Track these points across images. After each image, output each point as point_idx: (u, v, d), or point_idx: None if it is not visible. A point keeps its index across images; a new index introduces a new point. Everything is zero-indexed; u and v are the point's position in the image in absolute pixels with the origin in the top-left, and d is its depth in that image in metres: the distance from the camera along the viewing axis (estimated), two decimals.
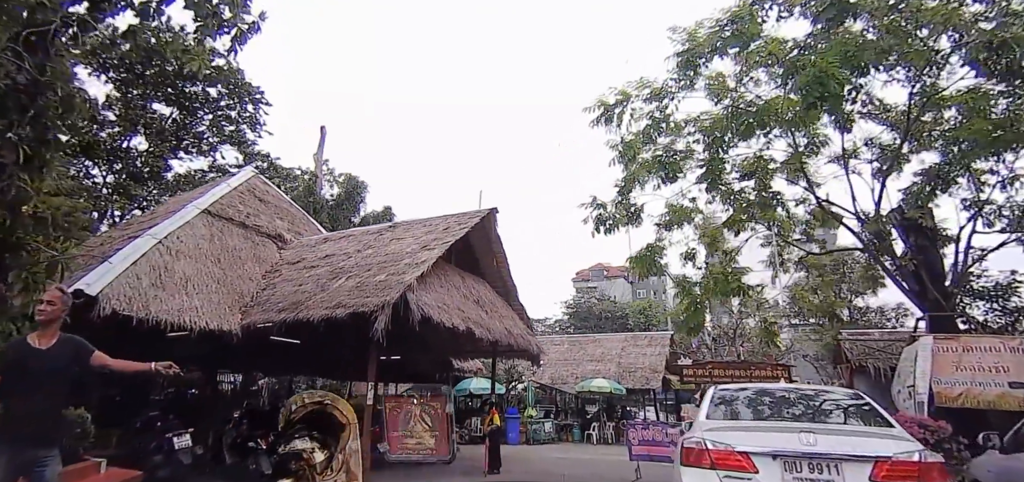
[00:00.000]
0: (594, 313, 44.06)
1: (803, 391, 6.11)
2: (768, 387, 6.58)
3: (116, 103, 27.60)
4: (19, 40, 6.34)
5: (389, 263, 10.90)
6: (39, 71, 6.69)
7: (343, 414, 7.21)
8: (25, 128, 6.47)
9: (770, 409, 5.73)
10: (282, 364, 17.14)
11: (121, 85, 27.76)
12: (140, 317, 9.03)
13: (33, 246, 6.26)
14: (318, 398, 7.16)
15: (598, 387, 21.56)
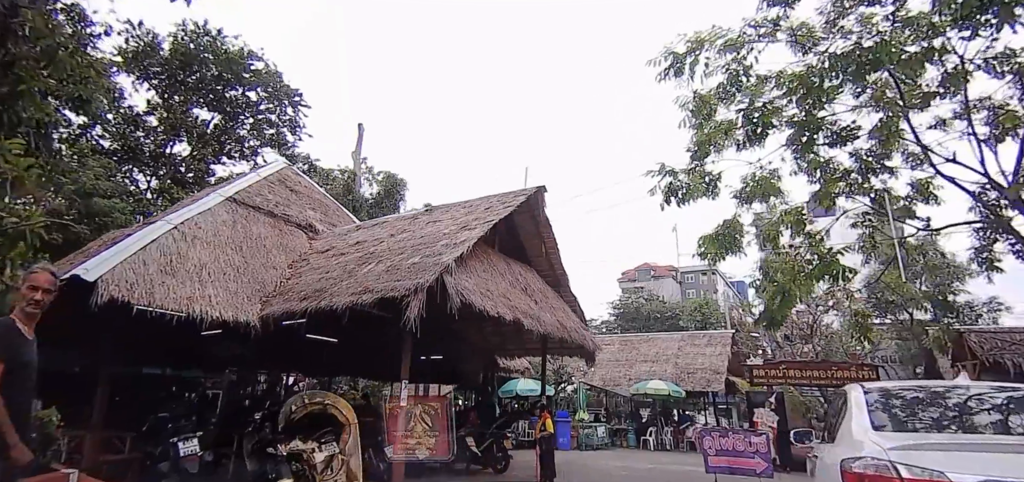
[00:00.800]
0: (642, 314, 41.73)
1: (998, 392, 4.22)
2: (939, 385, 4.77)
3: (158, 108, 27.56)
4: None
5: (424, 246, 9.43)
6: (10, 11, 5.60)
7: (343, 414, 6.98)
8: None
9: (960, 416, 3.98)
10: (320, 364, 16.08)
11: (163, 91, 27.74)
12: (142, 306, 7.88)
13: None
14: (318, 398, 7.00)
15: (655, 389, 19.59)
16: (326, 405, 6.92)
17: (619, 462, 15.53)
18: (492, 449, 10.65)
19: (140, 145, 27.36)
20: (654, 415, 21.75)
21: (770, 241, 11.76)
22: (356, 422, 7.29)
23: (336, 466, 6.29)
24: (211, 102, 28.55)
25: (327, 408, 6.88)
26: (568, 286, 12.48)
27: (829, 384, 15.98)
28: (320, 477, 6.15)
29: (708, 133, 9.41)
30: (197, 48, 26.95)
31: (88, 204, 20.11)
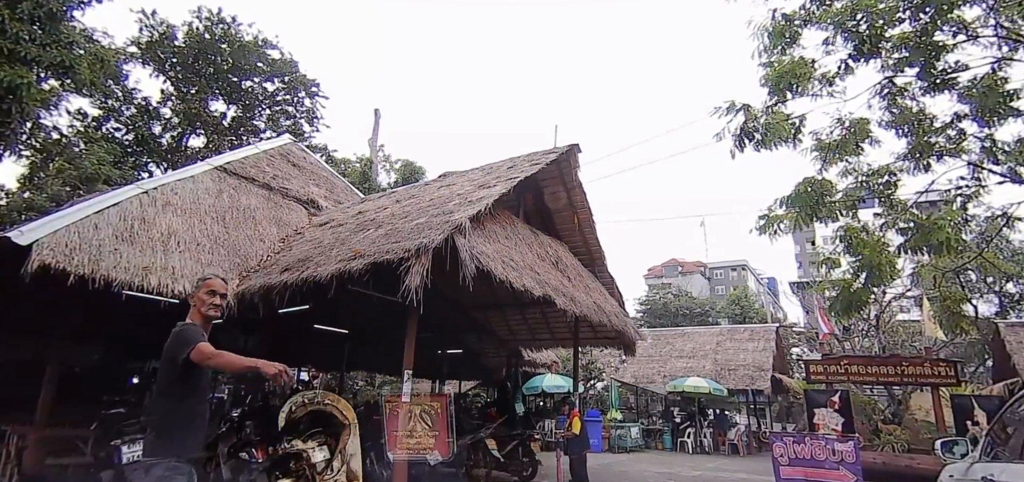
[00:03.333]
0: (670, 310, 39.34)
1: None
2: None
3: (172, 99, 26.47)
4: None
5: (433, 207, 7.60)
6: None
7: (343, 414, 6.59)
8: None
9: None
10: (334, 359, 14.47)
11: (178, 82, 26.64)
12: (81, 273, 6.21)
13: None
14: (318, 398, 6.58)
15: (694, 387, 17.43)
16: (326, 405, 6.58)
17: (659, 467, 13.48)
18: (517, 453, 8.75)
19: (155, 137, 26.31)
20: (691, 415, 19.59)
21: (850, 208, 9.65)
22: (356, 422, 6.80)
23: (336, 466, 6.13)
24: (227, 93, 27.34)
25: (327, 408, 6.55)
26: (605, 265, 10.49)
27: (898, 382, 13.71)
28: (320, 477, 5.95)
29: (790, 64, 7.37)
30: (212, 37, 25.78)
31: (91, 190, 18.81)
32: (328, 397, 6.77)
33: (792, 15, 7.21)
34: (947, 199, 10.01)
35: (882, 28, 6.66)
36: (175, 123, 26.70)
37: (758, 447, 18.64)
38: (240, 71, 26.78)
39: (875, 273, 8.64)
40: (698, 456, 17.05)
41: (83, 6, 16.03)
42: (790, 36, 7.30)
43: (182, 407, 2.93)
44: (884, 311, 16.87)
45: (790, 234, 8.59)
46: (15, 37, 13.13)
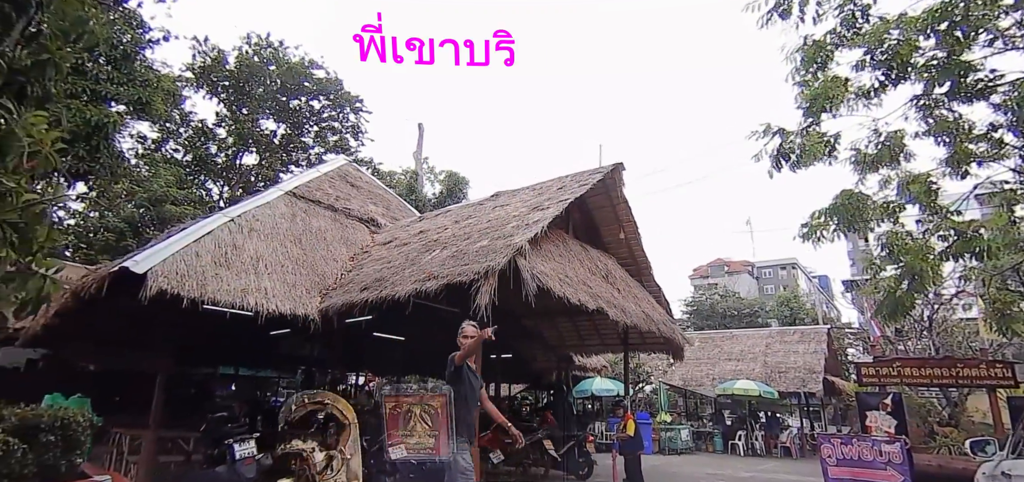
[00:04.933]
0: (717, 311, 39.22)
1: None
2: None
3: (226, 120, 28.43)
4: None
5: (492, 229, 8.49)
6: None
7: (343, 414, 6.75)
8: (9, 44, 4.86)
9: None
10: (389, 364, 15.64)
11: (231, 104, 28.61)
12: (192, 297, 7.37)
13: (5, 188, 4.57)
14: (318, 398, 6.73)
15: (743, 390, 17.78)
16: (326, 404, 6.71)
17: (711, 469, 14.00)
18: (573, 453, 9.54)
19: (211, 156, 28.34)
20: (742, 417, 19.88)
21: (888, 214, 10.03)
22: (356, 421, 7.05)
23: (336, 466, 6.15)
24: (276, 112, 29.21)
25: (327, 408, 6.67)
26: (651, 275, 11.17)
27: (953, 384, 13.76)
28: (320, 477, 6.01)
29: (823, 86, 7.93)
30: (261, 60, 27.61)
31: (160, 211, 20.66)
32: (328, 397, 6.90)
33: (822, 42, 7.77)
34: (993, 194, 10.31)
35: (908, 55, 7.16)
36: (229, 143, 28.73)
37: (811, 450, 18.80)
38: (288, 91, 28.58)
39: (918, 280, 9.06)
40: (749, 459, 17.38)
41: (152, 45, 17.79)
42: (822, 60, 7.85)
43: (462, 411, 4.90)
44: (936, 312, 16.77)
45: (833, 242, 9.07)
46: (95, 78, 14.82)
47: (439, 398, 7.60)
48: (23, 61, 5.06)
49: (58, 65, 5.42)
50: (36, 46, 5.17)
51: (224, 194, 28.92)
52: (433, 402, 8.05)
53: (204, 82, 27.79)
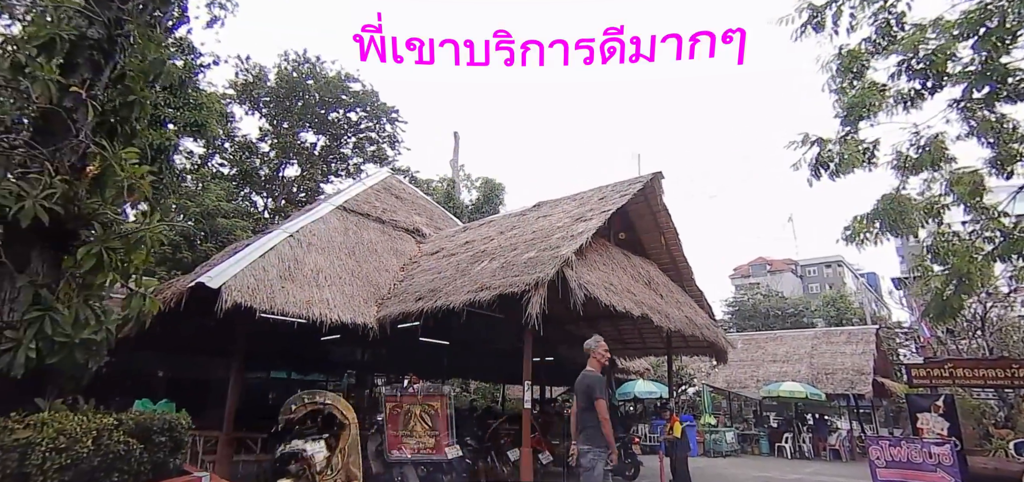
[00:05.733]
0: (760, 311, 38.71)
1: None
2: None
3: (268, 135, 29.86)
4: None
5: (538, 240, 9.00)
6: (114, 25, 5.76)
7: (343, 414, 6.81)
8: (102, 89, 5.60)
9: None
10: (434, 367, 16.32)
11: (272, 119, 30.03)
12: (264, 310, 8.11)
13: (107, 218, 5.28)
14: (318, 398, 6.80)
15: (789, 392, 17.78)
16: (326, 405, 6.79)
17: (757, 471, 14.15)
18: (620, 454, 9.93)
19: (256, 170, 29.83)
20: (788, 420, 19.83)
21: (932, 215, 10.09)
22: (356, 421, 7.20)
23: (336, 466, 6.21)
24: (316, 125, 30.51)
25: (327, 407, 6.75)
26: (693, 280, 11.50)
27: (1009, 385, 13.54)
28: (320, 477, 6.08)
29: (860, 94, 8.15)
30: (300, 76, 28.90)
31: (212, 224, 21.99)
32: (327, 397, 6.97)
33: (858, 51, 8.00)
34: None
35: (944, 65, 7.35)
36: (272, 156, 30.18)
37: (861, 453, 18.64)
38: (326, 104, 29.83)
39: (966, 282, 9.17)
40: (797, 462, 17.37)
41: (203, 69, 19.03)
42: (857, 69, 8.07)
43: (594, 420, 5.19)
44: (989, 311, 16.42)
45: (876, 246, 9.24)
46: (154, 103, 16.04)
47: (439, 399, 7.98)
48: (112, 102, 5.86)
49: (143, 104, 6.24)
50: (122, 88, 5.97)
51: (268, 206, 30.40)
52: (433, 402, 8.45)
53: (246, 98, 29.31)
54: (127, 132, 6.16)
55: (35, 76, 4.90)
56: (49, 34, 5.11)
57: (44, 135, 5.18)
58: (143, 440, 4.94)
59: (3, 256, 4.83)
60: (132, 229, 5.43)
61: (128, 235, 5.38)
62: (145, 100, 6.36)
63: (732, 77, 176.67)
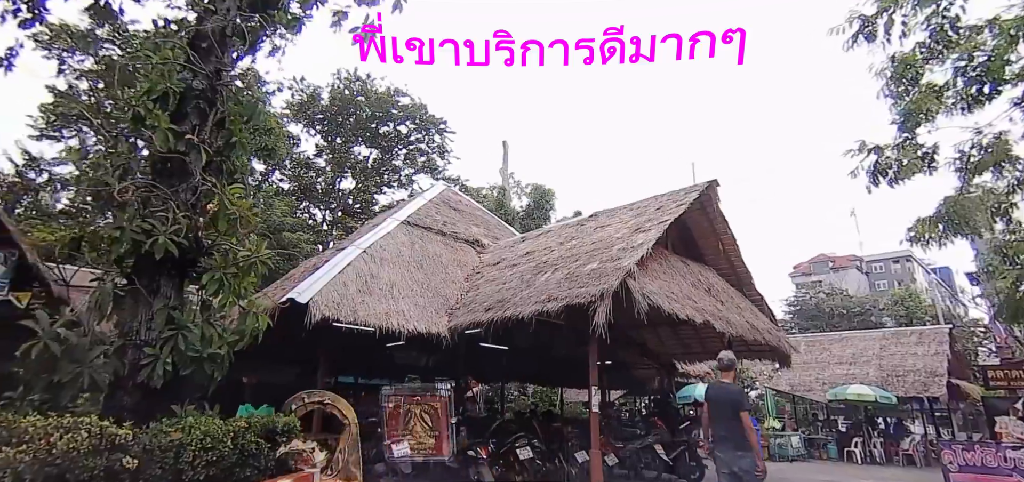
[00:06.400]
0: (824, 310, 37.67)
1: None
2: None
3: (324, 151, 31.53)
4: (195, 45, 6.42)
5: (598, 251, 9.52)
6: (215, 76, 6.69)
7: (343, 414, 7.03)
8: (208, 133, 6.51)
9: None
10: (493, 371, 17.02)
11: (327, 135, 31.70)
12: (348, 322, 8.94)
13: (225, 248, 6.17)
14: (318, 398, 6.97)
15: (857, 395, 17.53)
16: (326, 404, 6.96)
17: (826, 476, 14.16)
18: (684, 457, 10.31)
19: (313, 184, 31.57)
20: (858, 423, 19.49)
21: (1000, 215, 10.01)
22: (356, 421, 7.36)
23: (336, 466, 6.39)
24: (368, 139, 32.04)
25: (327, 407, 6.92)
26: (752, 284, 11.74)
27: None
28: (320, 477, 6.11)
29: (917, 99, 8.27)
30: (351, 93, 30.40)
31: (278, 238, 23.63)
32: (327, 397, 7.18)
33: (912, 58, 8.13)
34: None
35: (1000, 70, 7.43)
36: (328, 171, 31.87)
37: (936, 458, 18.16)
38: (377, 119, 31.30)
39: None
40: (868, 467, 17.13)
41: (269, 97, 20.56)
42: (912, 76, 8.20)
43: (741, 427, 5.80)
44: None
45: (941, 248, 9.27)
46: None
47: (440, 399, 8.35)
48: (216, 144, 6.81)
49: (244, 144, 7.14)
50: (224, 131, 6.91)
51: (326, 218, 32.09)
52: (433, 403, 8.87)
53: (302, 117, 31.09)
54: (230, 169, 7.15)
55: (154, 126, 5.88)
56: (163, 88, 6.10)
57: (162, 177, 6.20)
58: (269, 440, 5.81)
59: (137, 283, 5.83)
60: (244, 256, 6.35)
61: (241, 262, 6.31)
62: (245, 141, 7.33)
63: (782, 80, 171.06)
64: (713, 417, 6.17)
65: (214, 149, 6.62)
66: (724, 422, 5.99)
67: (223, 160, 6.92)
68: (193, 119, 6.43)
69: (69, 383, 5.25)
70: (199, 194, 6.27)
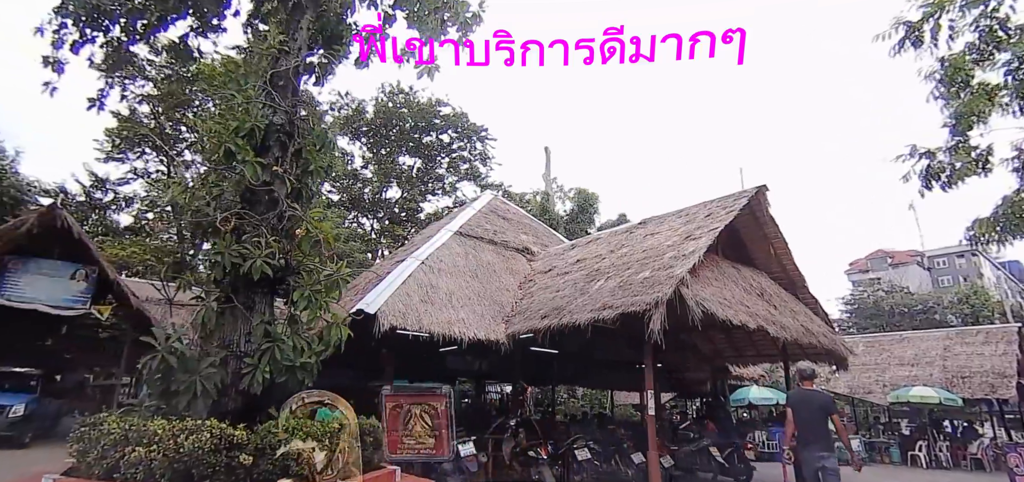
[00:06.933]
0: (883, 309, 36.50)
1: None
2: None
3: (370, 162, 32.80)
4: (273, 84, 7.20)
5: (650, 259, 9.89)
6: (292, 111, 7.49)
7: (343, 414, 6.80)
8: (288, 163, 7.30)
9: None
10: (543, 374, 17.51)
11: (372, 147, 32.97)
12: (414, 331, 9.56)
13: (311, 267, 6.91)
14: (317, 397, 6.75)
15: (920, 397, 17.18)
16: (326, 404, 6.87)
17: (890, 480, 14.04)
18: (733, 459, 10.57)
19: (361, 194, 32.88)
20: (922, 427, 19.05)
21: None
22: (356, 421, 7.38)
23: (336, 465, 6.21)
24: (412, 149, 33.19)
25: (327, 407, 6.78)
26: (806, 288, 11.85)
27: None
28: (320, 477, 6.00)
29: (968, 102, 8.30)
30: (394, 105, 31.55)
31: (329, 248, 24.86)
32: (327, 397, 7.16)
33: (961, 61, 8.18)
34: None
35: None
36: (374, 181, 33.12)
37: None
38: (420, 129, 32.37)
39: None
40: (933, 472, 16.80)
41: (323, 116, 21.73)
42: (962, 79, 8.25)
43: (826, 430, 6.53)
44: None
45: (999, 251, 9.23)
46: None
47: (440, 399, 8.64)
48: (296, 172, 7.59)
49: (319, 171, 7.91)
50: (302, 160, 7.68)
51: (374, 227, 33.35)
52: (433, 402, 9.16)
53: (347, 130, 32.44)
54: (307, 195, 7.91)
55: (244, 161, 6.67)
56: (250, 126, 6.89)
57: (252, 205, 7.00)
58: (358, 440, 6.48)
59: (235, 301, 6.61)
60: (327, 276, 7.10)
61: (325, 280, 7.06)
62: (320, 167, 8.09)
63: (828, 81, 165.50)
64: (798, 421, 6.68)
65: (293, 177, 7.42)
66: (810, 425, 6.55)
67: (302, 186, 7.71)
68: (275, 151, 7.26)
69: (184, 390, 6.04)
70: (285, 219, 7.05)
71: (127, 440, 5.26)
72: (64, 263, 13.45)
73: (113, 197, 31.52)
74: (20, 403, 12.57)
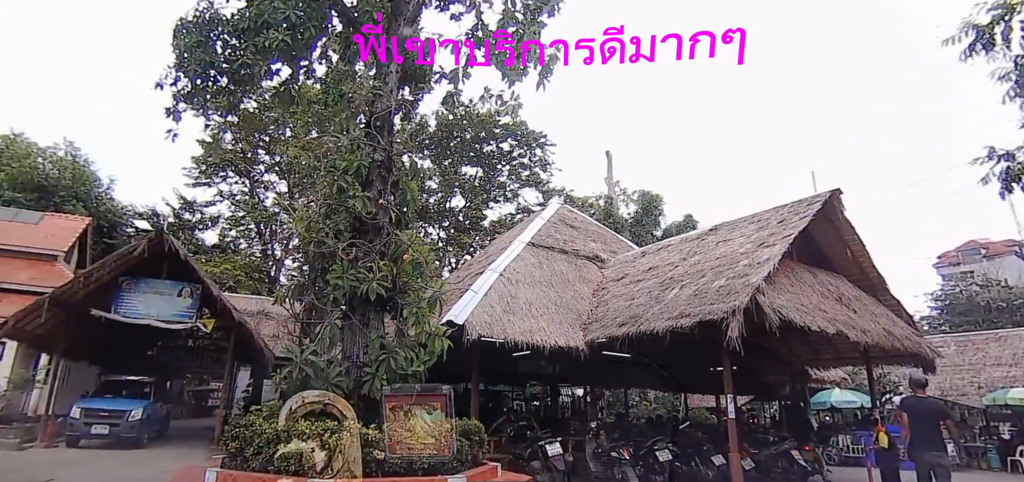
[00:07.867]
0: (977, 304, 34.55)
1: None
2: None
3: (434, 174, 34.32)
4: (371, 125, 8.35)
5: (724, 267, 10.34)
6: (390, 148, 8.62)
7: (343, 414, 7.21)
8: (390, 195, 8.42)
9: None
10: (614, 379, 18.06)
11: (435, 159, 34.46)
12: (499, 340, 10.40)
13: (415, 287, 7.95)
14: (317, 397, 7.13)
15: (1019, 399, 16.60)
16: (326, 404, 7.17)
17: None
18: None
19: (426, 205, 34.45)
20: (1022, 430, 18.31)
21: None
22: (356, 421, 7.63)
23: (336, 466, 6.39)
24: (473, 159, 34.49)
25: (327, 407, 7.13)
26: (887, 289, 11.91)
27: None
28: (320, 477, 6.23)
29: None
30: (455, 119, 32.89)
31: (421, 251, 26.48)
32: (327, 396, 7.30)
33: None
34: None
35: None
36: (439, 192, 34.65)
37: None
38: (480, 139, 33.54)
39: None
40: None
41: None
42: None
43: (939, 433, 7.37)
44: None
45: None
46: None
47: (440, 399, 9.03)
48: (395, 201, 8.72)
49: (414, 199, 9.02)
50: (400, 190, 8.79)
51: (441, 236, 34.86)
52: (434, 402, 9.56)
53: (411, 146, 34.10)
54: (405, 222, 8.97)
55: (355, 196, 7.79)
56: (358, 165, 8.04)
57: (361, 234, 8.11)
58: (466, 438, 7.43)
59: (353, 318, 7.73)
60: (430, 295, 8.13)
61: (428, 298, 8.10)
62: (415, 196, 9.15)
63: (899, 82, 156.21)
64: (913, 425, 7.49)
65: (395, 208, 8.55)
66: (924, 429, 7.36)
67: (401, 215, 8.81)
68: (377, 185, 8.42)
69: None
70: (391, 245, 8.14)
71: (278, 439, 6.41)
72: (172, 282, 15.19)
73: (199, 217, 34.61)
74: (139, 408, 14.33)
